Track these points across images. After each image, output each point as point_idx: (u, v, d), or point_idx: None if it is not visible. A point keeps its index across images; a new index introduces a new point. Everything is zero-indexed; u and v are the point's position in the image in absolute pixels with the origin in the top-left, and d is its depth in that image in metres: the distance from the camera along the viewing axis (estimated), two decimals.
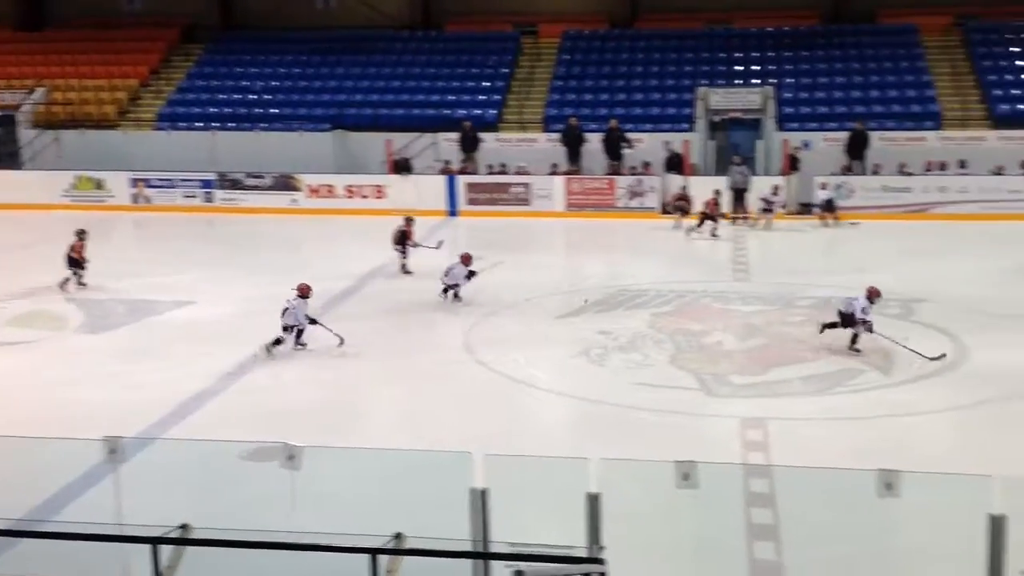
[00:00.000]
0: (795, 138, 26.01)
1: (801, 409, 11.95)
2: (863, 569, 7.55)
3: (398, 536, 5.21)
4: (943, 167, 24.91)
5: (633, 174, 25.71)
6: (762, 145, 26.45)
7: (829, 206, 23.85)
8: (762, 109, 27.14)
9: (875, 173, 24.96)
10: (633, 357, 13.92)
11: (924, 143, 25.54)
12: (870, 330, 13.67)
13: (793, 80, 28.04)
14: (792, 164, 25.27)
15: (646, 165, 25.75)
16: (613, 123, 26.38)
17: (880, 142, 25.52)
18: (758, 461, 10.18)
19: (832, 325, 14.04)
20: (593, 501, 6.31)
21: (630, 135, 26.31)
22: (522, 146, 27.31)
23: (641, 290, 17.57)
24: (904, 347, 13.47)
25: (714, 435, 11.20)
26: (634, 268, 20.24)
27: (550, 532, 6.39)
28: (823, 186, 24.24)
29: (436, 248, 18.71)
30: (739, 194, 24.33)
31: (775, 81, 27.79)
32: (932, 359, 13.15)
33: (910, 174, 24.69)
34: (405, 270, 19.02)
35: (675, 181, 25.09)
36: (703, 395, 12.49)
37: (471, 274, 16.57)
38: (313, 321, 14.22)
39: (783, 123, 26.69)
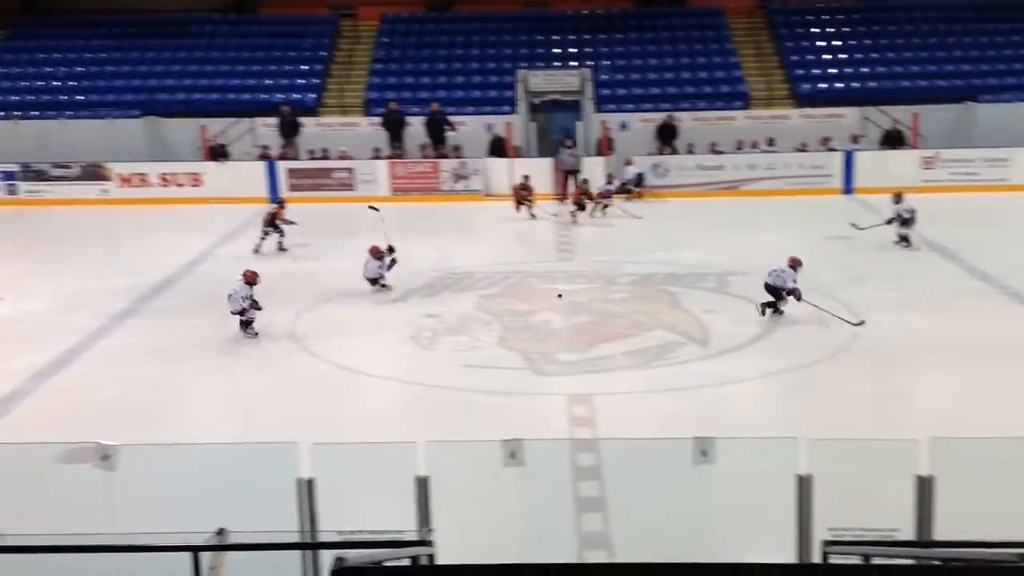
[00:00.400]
0: (613, 119, 26.63)
1: (625, 383, 12.28)
2: (683, 532, 7.82)
3: (220, 532, 5.09)
4: (754, 145, 25.99)
5: (444, 157, 25.80)
6: (582, 127, 26.96)
7: (639, 182, 24.57)
8: (580, 91, 27.66)
9: (689, 152, 25.82)
10: (462, 340, 13.99)
11: (734, 122, 26.58)
12: (798, 298, 14.17)
13: (609, 62, 28.67)
14: (608, 145, 25.88)
15: (455, 149, 25.94)
16: (435, 107, 26.39)
17: (693, 122, 26.43)
18: (585, 436, 10.42)
19: (770, 304, 14.43)
20: (422, 484, 6.34)
21: (453, 118, 26.38)
22: (344, 131, 27.00)
23: (467, 272, 17.69)
24: (829, 313, 14.11)
25: (542, 413, 11.38)
26: (461, 251, 20.35)
27: (382, 518, 6.38)
28: (627, 162, 24.91)
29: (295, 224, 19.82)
30: (569, 176, 24.77)
31: (592, 63, 28.35)
32: (855, 324, 13.84)
33: (721, 152, 25.67)
34: (281, 247, 19.75)
35: (499, 165, 25.31)
36: (531, 374, 12.68)
37: (393, 263, 16.47)
38: (257, 306, 14.03)
39: (601, 105, 27.27)
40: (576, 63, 28.62)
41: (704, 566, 3.80)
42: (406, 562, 4.74)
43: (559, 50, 29.31)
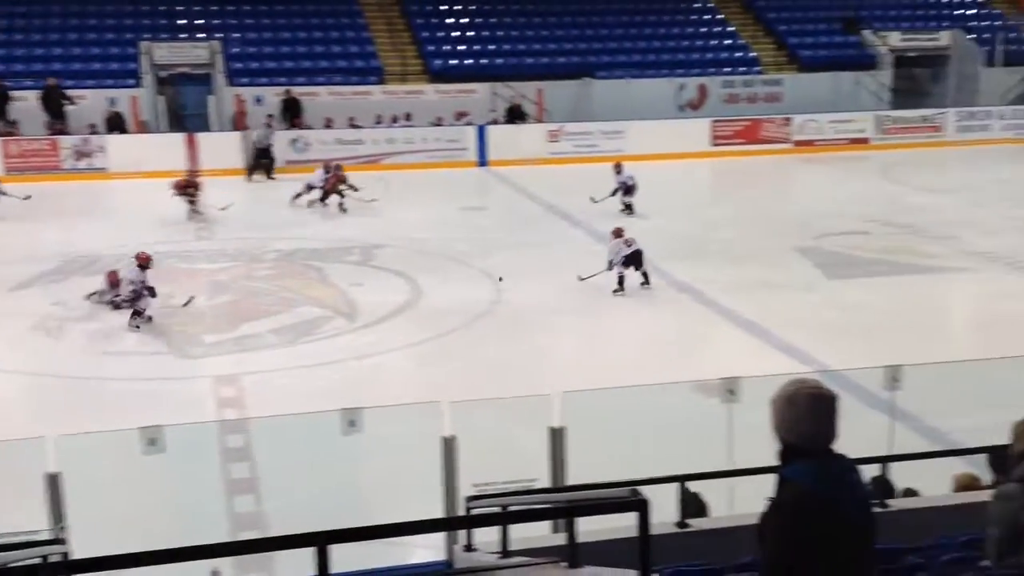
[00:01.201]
0: (247, 93, 26.04)
1: (273, 361, 12.15)
2: (338, 503, 7.94)
3: None
4: (395, 120, 26.34)
5: (63, 133, 24.16)
6: (214, 101, 26.13)
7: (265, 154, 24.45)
8: (211, 64, 26.76)
9: (328, 127, 25.77)
10: (94, 326, 13.23)
11: (371, 97, 26.83)
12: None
13: (239, 35, 27.96)
14: (244, 120, 25.33)
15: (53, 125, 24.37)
16: (51, 81, 24.54)
17: (330, 96, 26.40)
18: (232, 417, 10.23)
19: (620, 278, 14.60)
20: (53, 481, 5.98)
21: (72, 92, 24.66)
22: None
23: (97, 255, 16.66)
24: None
25: (188, 397, 11.04)
26: (89, 233, 19.09)
27: (16, 519, 5.96)
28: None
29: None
30: (263, 152, 24.37)
31: (222, 35, 27.50)
32: (583, 278, 14.44)
33: (360, 127, 25.85)
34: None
35: (121, 142, 24.02)
36: (174, 358, 12.26)
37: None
38: (152, 291, 13.05)
39: (233, 78, 26.55)
40: (204, 35, 27.63)
41: (358, 530, 3.88)
42: (36, 562, 4.47)
43: (185, 20, 28.12)
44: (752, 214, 20.02)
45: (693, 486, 6.18)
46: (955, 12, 32.67)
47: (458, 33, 29.64)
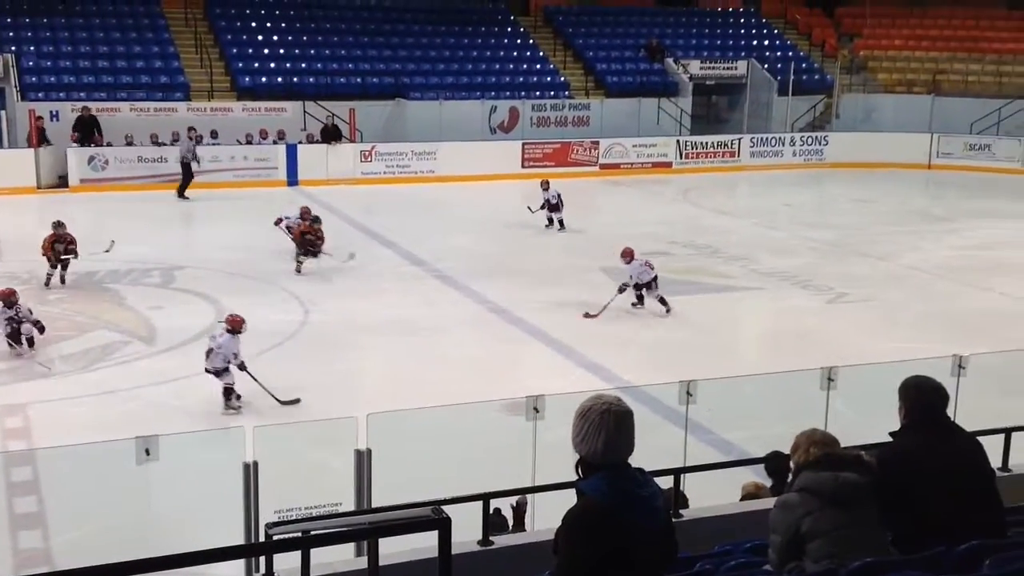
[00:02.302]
0: (42, 108, 24.78)
1: (64, 389, 11.57)
2: (133, 536, 7.60)
3: None
4: (199, 139, 25.49)
5: None
6: (5, 116, 24.72)
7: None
8: (3, 77, 25.33)
9: (129, 144, 24.77)
10: None
11: (175, 114, 25.97)
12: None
13: (33, 48, 26.62)
14: (40, 136, 24.07)
15: None
16: None
17: (131, 113, 25.43)
18: (19, 448, 9.66)
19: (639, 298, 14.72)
20: None
21: None
22: None
23: None
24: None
25: None
26: None
27: None
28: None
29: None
30: (185, 168, 23.67)
31: (14, 48, 26.09)
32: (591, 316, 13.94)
33: (163, 144, 24.96)
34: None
35: None
36: None
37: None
38: (243, 367, 11.07)
39: (26, 92, 25.23)
40: None
41: (148, 561, 3.70)
42: None
43: None
44: (560, 235, 20.44)
45: (495, 503, 6.22)
46: (751, 43, 34.41)
47: (267, 50, 29.09)
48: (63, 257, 15.57)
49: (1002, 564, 3.95)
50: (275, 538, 5.30)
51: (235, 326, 11.10)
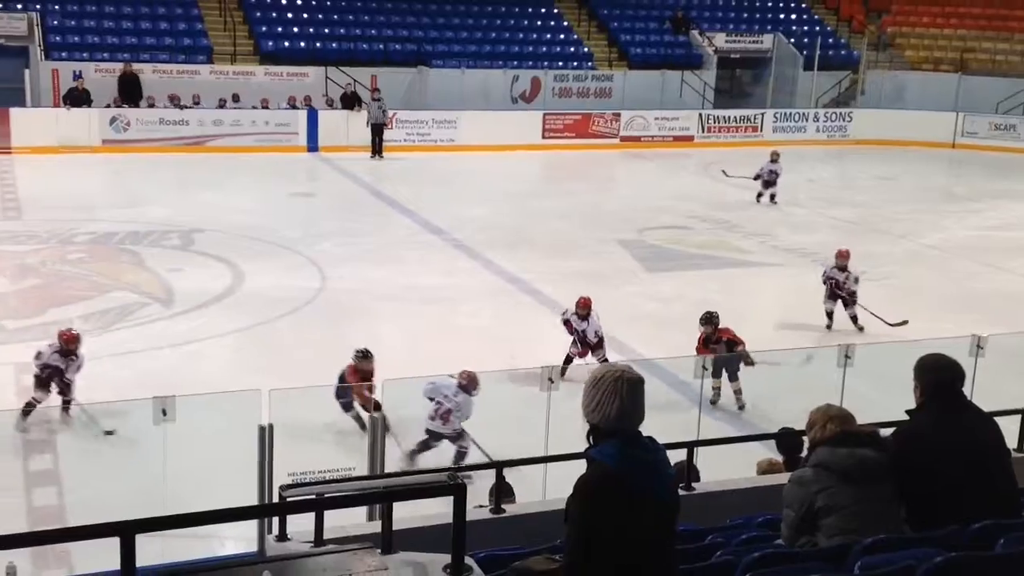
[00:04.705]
0: (65, 68, 24.79)
1: (83, 348, 11.60)
2: (147, 495, 7.65)
3: None
4: (223, 102, 25.47)
5: None
6: (29, 75, 24.75)
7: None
8: (28, 36, 25.35)
9: (151, 106, 24.80)
10: None
11: (197, 76, 25.95)
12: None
13: (59, 7, 26.61)
14: (84, 97, 24.08)
15: None
16: None
17: (153, 75, 25.42)
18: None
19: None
20: None
21: None
22: None
23: None
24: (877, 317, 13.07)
25: None
26: None
27: None
28: None
29: None
30: (377, 129, 24.36)
31: (39, 7, 26.09)
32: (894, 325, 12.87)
33: (185, 107, 24.97)
34: None
35: None
36: None
37: None
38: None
39: (51, 52, 25.25)
40: (21, 5, 26.15)
41: (166, 519, 3.71)
42: None
43: None
44: (578, 207, 20.37)
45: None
46: (778, 16, 34.06)
47: (291, 15, 29.00)
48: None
49: (1016, 543, 3.92)
50: (289, 500, 5.35)
51: (471, 383, 9.06)
